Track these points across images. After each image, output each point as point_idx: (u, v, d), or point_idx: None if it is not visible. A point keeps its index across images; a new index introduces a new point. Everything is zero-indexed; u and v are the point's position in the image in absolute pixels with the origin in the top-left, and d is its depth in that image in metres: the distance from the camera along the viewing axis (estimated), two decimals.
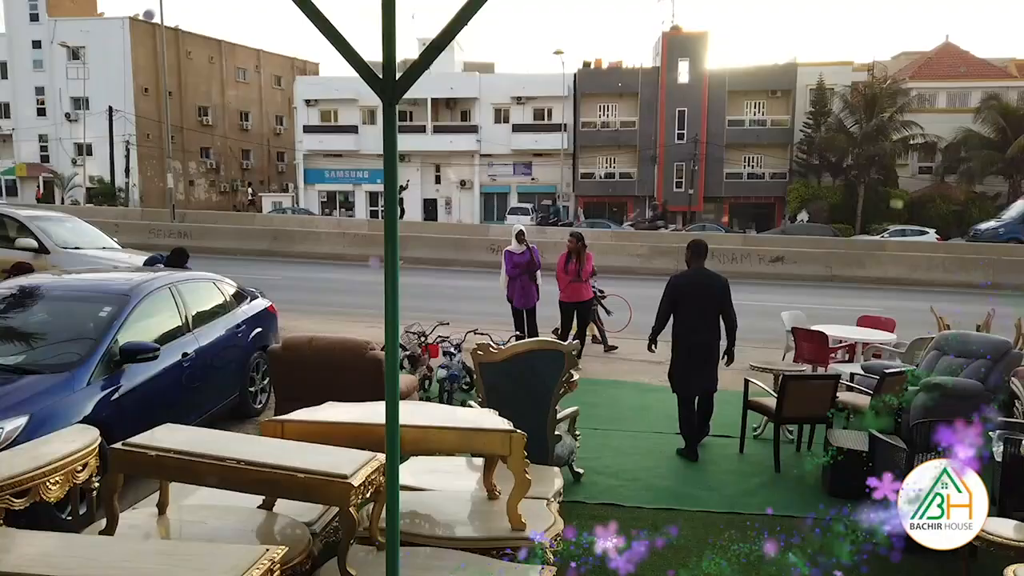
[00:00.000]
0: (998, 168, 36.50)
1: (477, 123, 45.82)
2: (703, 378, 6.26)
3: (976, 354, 6.51)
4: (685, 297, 6.23)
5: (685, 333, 6.24)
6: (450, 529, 3.78)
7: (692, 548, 4.62)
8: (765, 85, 43.08)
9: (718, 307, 6.21)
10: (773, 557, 4.52)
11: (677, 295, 6.25)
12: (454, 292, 16.27)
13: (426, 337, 7.88)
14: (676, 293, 6.26)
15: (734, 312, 6.27)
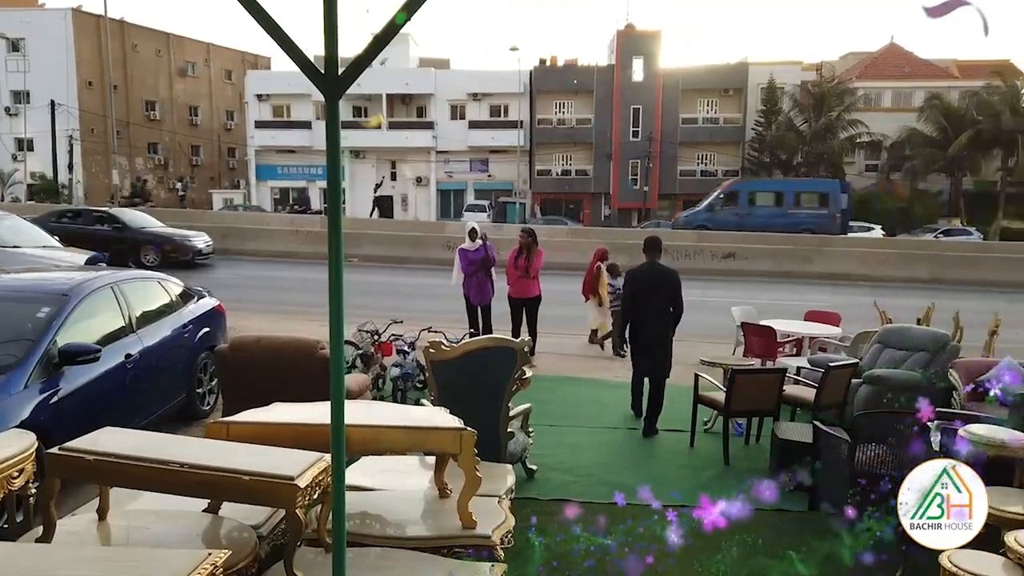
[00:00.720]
0: (940, 166, 37.66)
1: (433, 119, 45.54)
2: (654, 363, 6.78)
3: (917, 347, 6.73)
4: (640, 289, 6.73)
5: (639, 322, 6.77)
6: (401, 529, 3.76)
7: (644, 541, 4.67)
8: (717, 84, 43.72)
9: (669, 299, 6.67)
10: (722, 547, 4.60)
11: (635, 287, 6.76)
12: (410, 290, 16.18)
13: (379, 336, 7.81)
14: (634, 286, 6.78)
15: (682, 304, 6.76)
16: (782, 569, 4.27)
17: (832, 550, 4.61)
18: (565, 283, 16.98)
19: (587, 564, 4.34)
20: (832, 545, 4.65)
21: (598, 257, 10.36)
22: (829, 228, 29.62)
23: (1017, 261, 21.52)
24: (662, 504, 5.28)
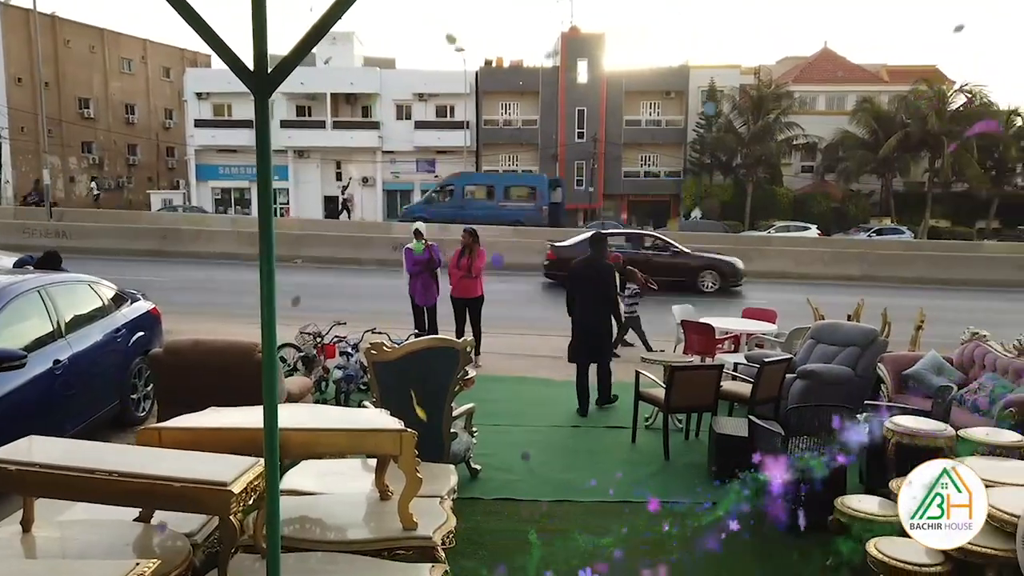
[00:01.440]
0: (872, 167, 39.02)
1: (379, 119, 45.11)
2: (591, 349, 7.31)
3: (848, 342, 6.97)
4: (578, 280, 7.36)
5: (578, 311, 7.35)
6: (342, 532, 3.72)
7: (585, 536, 4.73)
8: (660, 86, 44.43)
9: (603, 291, 7.29)
10: (660, 542, 4.69)
11: (573, 278, 7.43)
12: (356, 291, 16.02)
13: (322, 337, 7.72)
14: (572, 276, 7.47)
15: (616, 296, 7.45)
16: (713, 559, 4.38)
17: (765, 541, 4.76)
18: (512, 283, 17.10)
19: (528, 561, 4.39)
20: (765, 536, 4.79)
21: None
22: (537, 221, 30.81)
23: (943, 259, 22.46)
24: (603, 500, 5.41)
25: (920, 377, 6.22)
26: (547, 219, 31.68)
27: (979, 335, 6.46)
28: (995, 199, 38.46)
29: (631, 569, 4.32)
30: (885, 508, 4.28)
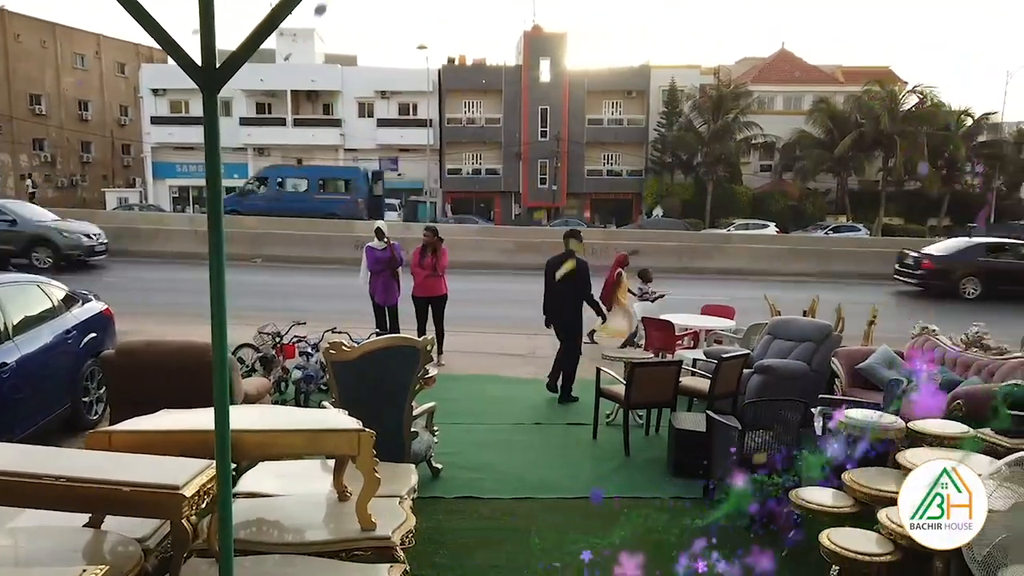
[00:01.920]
0: (828, 166, 39.84)
1: (341, 117, 44.70)
2: (561, 326, 7.78)
3: (803, 337, 7.10)
4: (553, 275, 7.69)
5: (550, 301, 7.78)
6: (300, 534, 3.68)
7: (546, 533, 4.75)
8: (621, 85, 44.76)
9: (576, 284, 7.64)
10: (621, 536, 4.73)
11: (548, 272, 7.76)
12: (317, 291, 15.84)
13: (281, 338, 7.62)
14: (548, 271, 7.79)
15: (589, 289, 7.82)
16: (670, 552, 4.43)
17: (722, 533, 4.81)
18: (475, 282, 17.07)
19: (487, 558, 4.39)
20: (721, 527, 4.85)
21: (618, 263, 10.30)
22: (353, 213, 30.40)
23: (895, 255, 23.01)
24: (564, 496, 5.45)
25: (872, 371, 6.37)
26: (365, 212, 31.06)
27: (928, 330, 6.63)
28: (946, 197, 39.55)
29: (593, 563, 4.36)
30: (839, 499, 4.38)
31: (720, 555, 4.57)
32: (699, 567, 4.15)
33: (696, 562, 4.32)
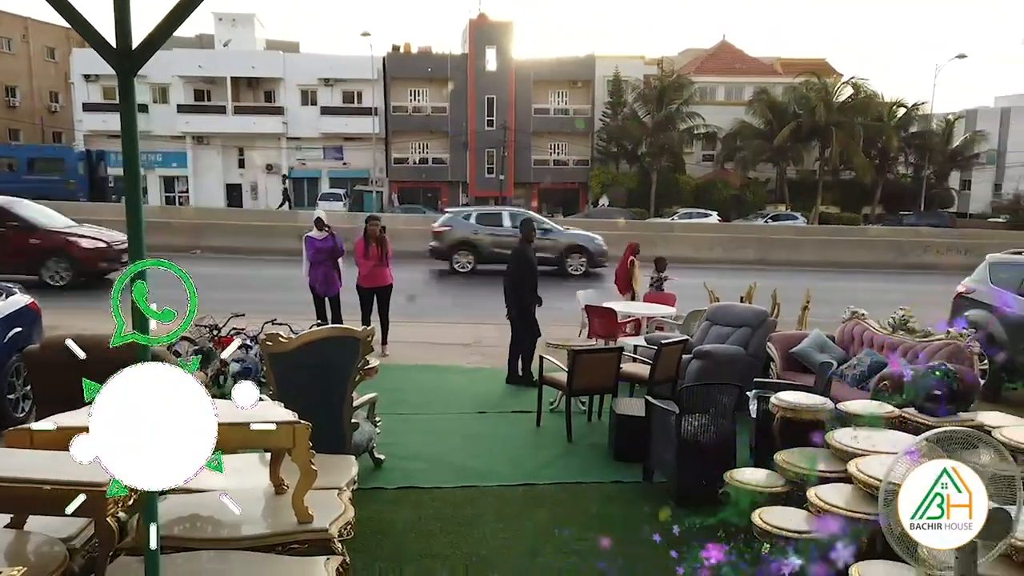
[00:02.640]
0: (767, 156, 40.81)
1: (283, 104, 43.78)
2: (530, 327, 7.91)
3: (740, 323, 7.27)
4: (520, 262, 7.95)
5: (516, 293, 7.94)
6: (234, 529, 3.61)
7: (487, 521, 4.78)
8: (567, 75, 44.95)
9: (534, 271, 7.98)
10: (562, 520, 4.79)
11: (517, 260, 8.00)
12: (258, 282, 15.53)
13: (219, 330, 7.46)
14: (515, 259, 8.03)
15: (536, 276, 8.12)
16: (610, 534, 4.50)
17: (656, 514, 4.92)
18: (422, 271, 16.98)
19: (429, 547, 4.39)
20: (656, 509, 4.95)
21: (630, 252, 10.35)
22: (68, 195, 29.77)
23: (831, 243, 23.76)
24: (507, 484, 5.47)
25: (805, 354, 6.57)
26: (85, 194, 30.73)
27: (858, 314, 6.86)
28: (879, 186, 40.91)
29: (535, 549, 4.40)
30: (771, 479, 4.50)
31: (659, 535, 4.68)
32: (638, 548, 4.24)
33: (636, 543, 4.41)
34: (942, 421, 4.45)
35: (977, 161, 42.50)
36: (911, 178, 42.95)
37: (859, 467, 3.85)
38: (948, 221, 36.58)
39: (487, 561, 4.26)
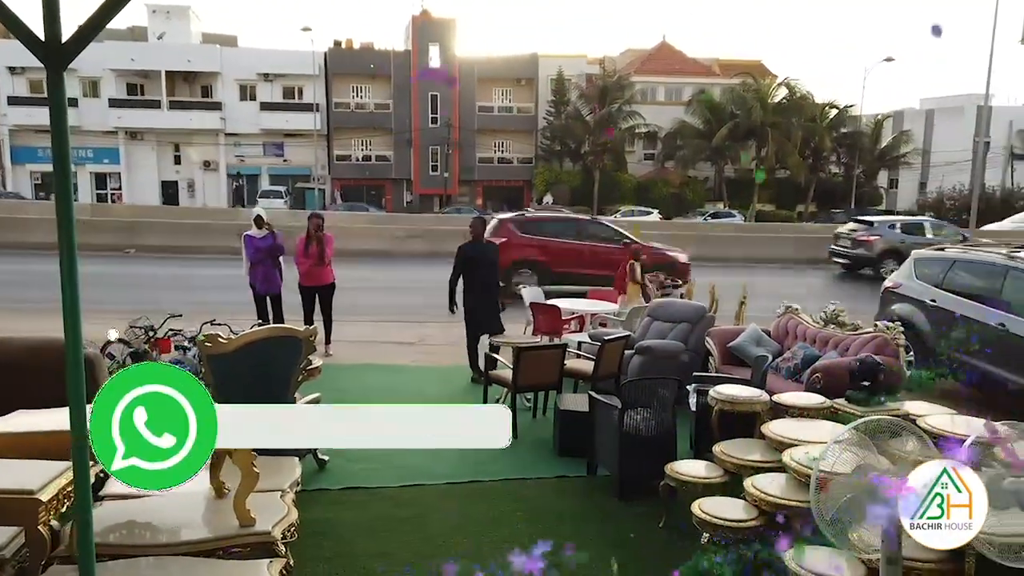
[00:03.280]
0: (706, 155, 41.73)
1: (220, 100, 42.70)
2: (491, 323, 7.94)
3: (680, 319, 7.43)
4: (469, 260, 7.96)
5: (473, 289, 7.95)
6: (173, 534, 3.54)
7: (433, 519, 4.79)
8: (511, 74, 45.07)
9: (492, 270, 8.06)
10: (507, 516, 4.82)
11: (465, 259, 7.98)
12: (196, 282, 15.14)
13: (155, 332, 7.25)
14: (463, 257, 8.01)
15: (499, 275, 8.26)
16: (555, 528, 4.57)
17: (603, 508, 5.01)
18: (366, 270, 16.81)
19: (374, 547, 4.38)
20: (603, 504, 5.05)
21: (630, 255, 10.31)
22: None
23: (767, 240, 24.43)
24: (452, 481, 5.49)
25: (742, 349, 6.76)
26: None
27: (792, 308, 7.09)
28: (812, 185, 42.24)
29: (480, 545, 4.43)
30: (711, 471, 4.63)
31: (603, 529, 4.75)
32: (584, 541, 4.30)
33: (581, 536, 4.48)
34: (870, 411, 4.64)
35: (904, 160, 44.26)
36: (842, 177, 44.44)
37: (792, 456, 4.00)
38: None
39: (433, 559, 4.26)
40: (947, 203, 38.36)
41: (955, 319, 7.55)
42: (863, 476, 2.80)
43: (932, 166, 45.62)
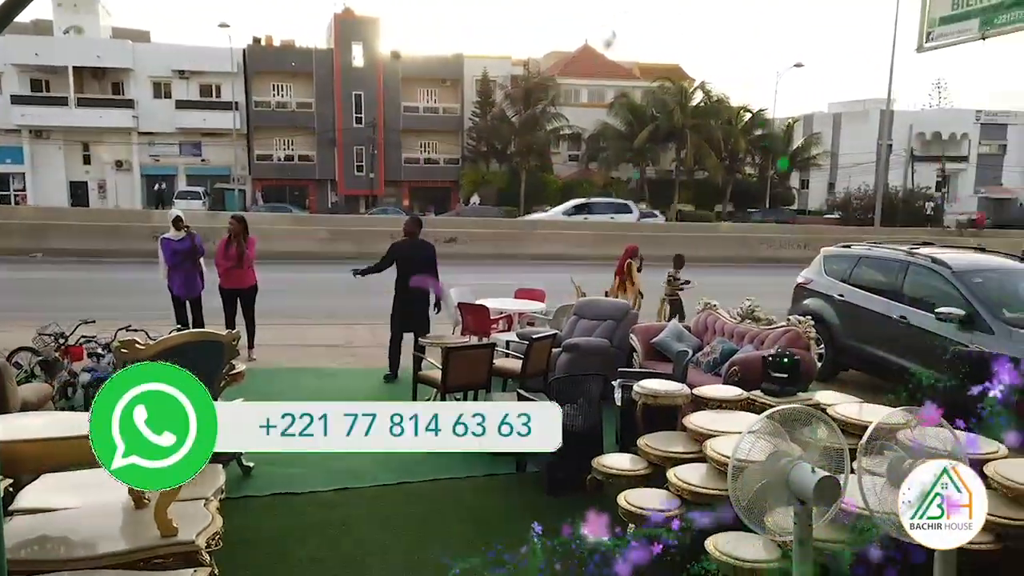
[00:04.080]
0: (628, 156, 42.63)
1: (133, 97, 41.04)
2: (418, 322, 7.93)
3: (605, 316, 7.60)
4: (404, 259, 7.94)
5: (403, 287, 7.88)
6: (90, 548, 3.42)
7: (363, 522, 4.76)
8: (436, 74, 44.94)
9: (428, 268, 7.98)
10: (435, 516, 4.84)
11: (397, 255, 8.00)
12: (109, 286, 14.55)
13: (66, 339, 6.96)
14: (397, 254, 8.03)
15: (438, 273, 8.12)
16: (484, 525, 4.62)
17: (533, 505, 5.09)
18: (289, 272, 16.46)
19: (303, 553, 4.33)
20: (533, 500, 5.13)
21: (628, 254, 10.20)
22: None
23: (687, 239, 25.13)
24: (382, 484, 5.47)
25: (664, 344, 6.97)
26: None
27: (711, 305, 7.36)
28: (729, 185, 43.69)
29: (411, 547, 4.44)
30: (635, 463, 4.76)
31: (533, 524, 4.82)
32: (514, 538, 4.36)
33: (512, 533, 4.53)
34: (783, 401, 4.86)
35: (814, 162, 46.26)
36: (757, 178, 46.13)
37: (712, 447, 4.16)
38: (789, 218, 39.71)
39: (363, 563, 4.25)
40: (854, 203, 40.27)
41: (861, 312, 7.97)
42: (776, 463, 2.95)
43: (840, 167, 47.90)
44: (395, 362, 8.06)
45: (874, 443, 2.87)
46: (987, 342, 6.41)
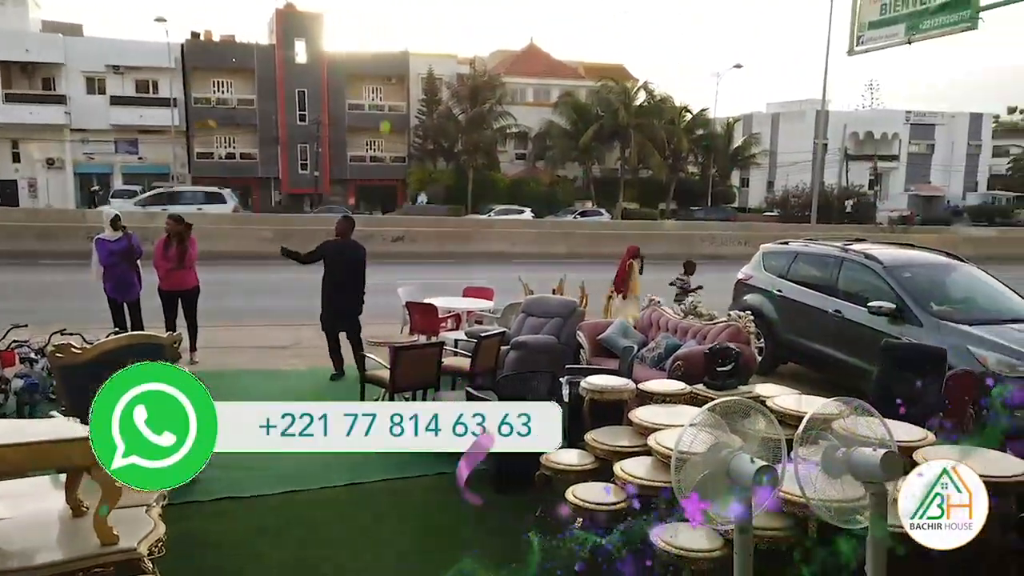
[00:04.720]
0: (575, 155, 43.04)
1: (65, 93, 39.56)
2: (344, 321, 7.91)
3: (553, 314, 7.68)
4: (333, 258, 7.85)
5: (331, 285, 7.86)
6: (27, 558, 3.32)
7: (312, 525, 4.72)
8: (381, 71, 44.52)
9: (357, 268, 7.93)
10: (385, 517, 4.83)
11: (326, 253, 7.92)
12: (40, 289, 14.02)
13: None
14: (325, 252, 7.95)
15: (364, 275, 8.03)
16: (433, 526, 4.63)
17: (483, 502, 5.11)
18: (231, 273, 16.12)
19: (250, 558, 4.28)
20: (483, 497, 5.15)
21: (630, 255, 10.09)
22: None
23: (632, 237, 25.43)
24: (330, 485, 5.43)
25: (610, 341, 7.08)
26: None
27: (655, 301, 7.50)
28: (672, 183, 44.48)
29: (361, 548, 4.42)
30: (583, 458, 4.83)
31: (483, 522, 4.86)
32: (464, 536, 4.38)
33: (462, 532, 4.56)
34: (724, 394, 4.99)
35: (753, 161, 47.44)
36: (699, 176, 47.06)
37: (656, 440, 4.25)
38: (730, 215, 40.65)
39: (312, 566, 4.22)
40: (792, 200, 41.46)
41: (799, 307, 8.23)
42: (717, 454, 3.04)
43: (778, 166, 49.24)
44: (338, 361, 8.03)
45: (809, 433, 2.98)
46: (916, 334, 6.69)
